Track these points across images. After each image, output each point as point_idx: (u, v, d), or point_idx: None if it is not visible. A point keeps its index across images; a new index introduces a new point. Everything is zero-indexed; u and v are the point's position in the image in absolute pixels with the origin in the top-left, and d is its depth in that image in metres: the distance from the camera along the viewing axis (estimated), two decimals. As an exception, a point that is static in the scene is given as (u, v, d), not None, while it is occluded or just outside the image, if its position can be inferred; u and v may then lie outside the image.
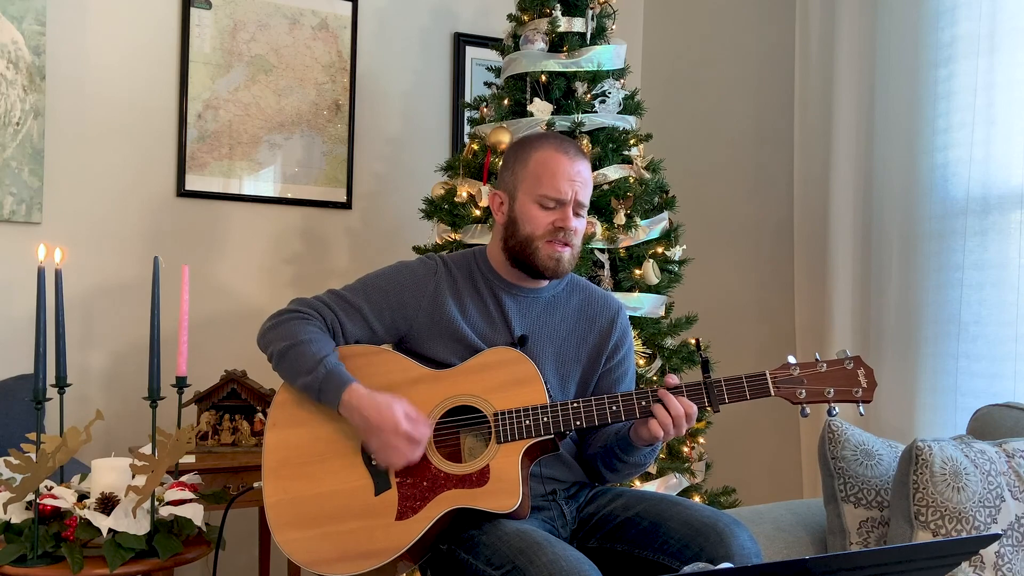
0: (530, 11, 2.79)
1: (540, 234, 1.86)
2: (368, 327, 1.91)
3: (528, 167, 1.88)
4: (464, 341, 1.89)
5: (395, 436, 1.75)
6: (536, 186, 1.86)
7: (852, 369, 1.77)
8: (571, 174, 1.86)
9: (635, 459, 1.87)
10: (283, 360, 1.85)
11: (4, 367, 2.88)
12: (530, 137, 1.96)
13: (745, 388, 1.77)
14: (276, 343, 1.87)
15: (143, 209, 3.17)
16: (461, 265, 1.97)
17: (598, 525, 1.88)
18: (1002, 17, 2.49)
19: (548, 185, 1.85)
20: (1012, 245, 2.48)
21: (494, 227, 1.97)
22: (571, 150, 1.89)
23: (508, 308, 1.92)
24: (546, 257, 1.87)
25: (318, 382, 1.80)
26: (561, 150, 1.88)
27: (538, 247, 1.87)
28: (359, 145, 3.50)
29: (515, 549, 1.66)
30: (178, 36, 3.21)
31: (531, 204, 1.87)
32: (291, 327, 1.86)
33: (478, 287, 1.94)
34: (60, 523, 1.97)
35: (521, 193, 1.89)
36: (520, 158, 1.91)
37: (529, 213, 1.87)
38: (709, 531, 1.72)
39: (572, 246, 1.89)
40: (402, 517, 1.78)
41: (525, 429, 1.78)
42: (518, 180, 1.89)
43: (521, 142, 1.96)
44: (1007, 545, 1.91)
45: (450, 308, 1.89)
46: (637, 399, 1.79)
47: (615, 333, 1.99)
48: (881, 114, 2.83)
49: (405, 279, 1.92)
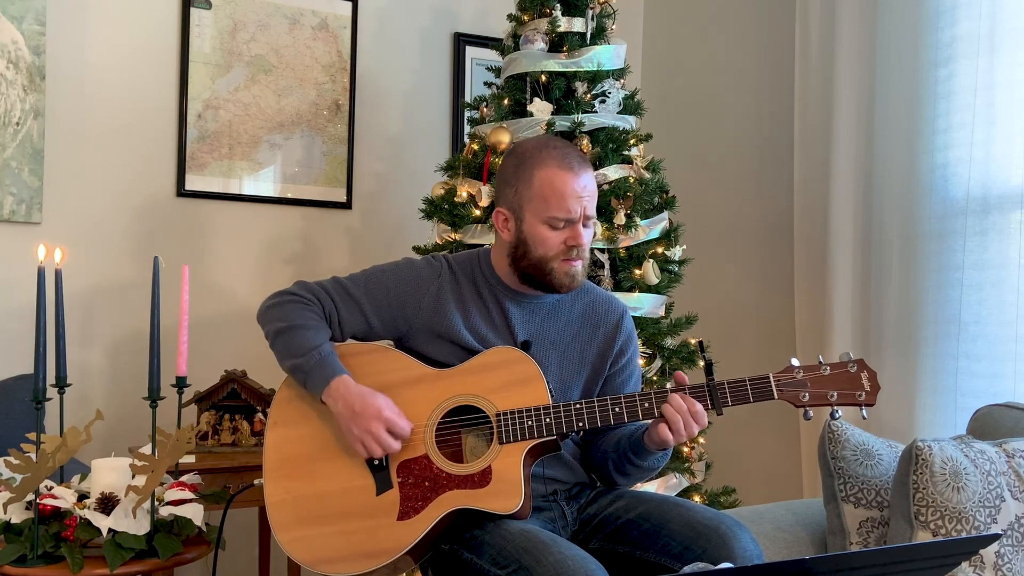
0: (530, 11, 2.79)
1: (553, 255, 1.83)
2: (365, 321, 1.90)
3: (533, 187, 1.82)
4: (465, 346, 1.88)
5: (375, 421, 1.75)
6: (544, 208, 1.81)
7: (855, 372, 1.76)
8: (578, 191, 1.80)
9: (647, 463, 1.87)
10: (278, 339, 1.86)
11: (4, 367, 2.88)
12: (529, 150, 1.86)
13: (748, 391, 1.76)
14: (275, 322, 1.87)
15: (143, 209, 3.17)
16: (465, 268, 1.95)
17: (600, 526, 1.87)
18: (1002, 17, 2.49)
19: (557, 207, 1.80)
20: (1012, 245, 2.48)
21: (497, 239, 1.94)
22: (574, 163, 1.82)
23: (511, 314, 1.91)
24: (563, 275, 1.84)
25: (308, 366, 1.81)
26: (565, 166, 1.81)
27: (553, 267, 1.83)
28: (359, 145, 3.50)
29: (521, 549, 1.66)
30: (178, 36, 3.21)
31: (540, 226, 1.82)
32: (291, 309, 1.87)
33: (481, 292, 1.93)
34: (60, 523, 1.97)
35: (528, 214, 1.83)
36: (522, 177, 1.84)
37: (540, 235, 1.82)
38: (711, 533, 1.71)
39: (583, 259, 1.86)
40: (404, 517, 1.78)
41: (527, 430, 1.78)
42: (523, 200, 1.83)
43: (520, 156, 1.87)
44: (1007, 545, 1.91)
45: (452, 312, 1.88)
46: (640, 400, 1.79)
47: (620, 337, 1.97)
48: (881, 114, 2.83)
49: (408, 278, 1.91)
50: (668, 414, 1.74)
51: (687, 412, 1.74)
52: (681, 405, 1.74)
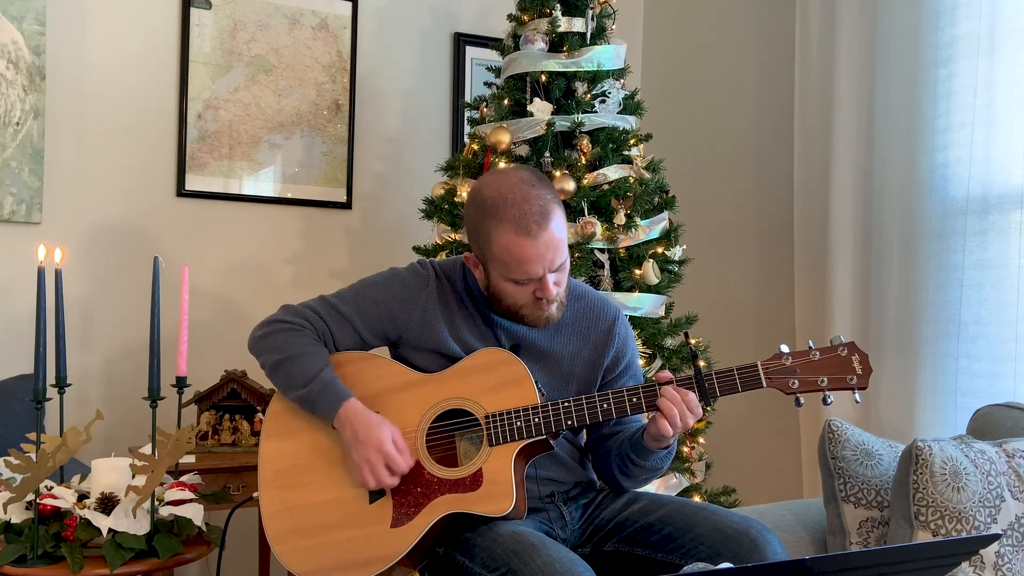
0: (530, 11, 2.79)
1: (524, 303, 1.81)
2: (358, 337, 1.90)
3: (492, 250, 1.76)
4: (452, 356, 1.87)
5: (375, 454, 1.76)
6: (506, 271, 1.77)
7: (846, 356, 1.74)
8: (538, 254, 1.74)
9: (650, 463, 1.86)
10: (277, 372, 1.85)
11: (4, 367, 2.88)
12: (488, 207, 1.76)
13: (737, 380, 1.75)
14: (269, 354, 1.86)
15: (143, 209, 3.17)
16: (452, 276, 1.93)
17: (615, 530, 1.86)
18: (1002, 17, 2.49)
19: (517, 270, 1.76)
20: (1012, 245, 2.48)
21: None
22: (531, 226, 1.71)
23: (497, 322, 1.90)
24: (535, 318, 1.83)
25: (314, 395, 1.81)
26: (523, 231, 1.71)
27: (524, 313, 1.83)
28: (359, 145, 3.50)
29: (509, 551, 1.66)
30: (178, 36, 3.21)
31: (505, 283, 1.80)
32: (283, 338, 1.85)
33: (465, 301, 1.91)
34: (60, 523, 1.97)
35: (493, 271, 1.80)
36: (482, 236, 1.77)
37: (506, 289, 1.80)
38: (742, 537, 1.70)
39: (558, 299, 1.83)
40: (397, 524, 1.77)
41: (516, 431, 1.77)
42: (487, 258, 1.79)
43: (480, 209, 1.77)
44: (1007, 545, 1.91)
45: (438, 324, 1.87)
46: (628, 396, 1.78)
47: (613, 344, 1.94)
48: (881, 114, 2.83)
49: (396, 291, 1.89)
50: (664, 406, 1.74)
51: (681, 402, 1.73)
52: (675, 396, 1.74)
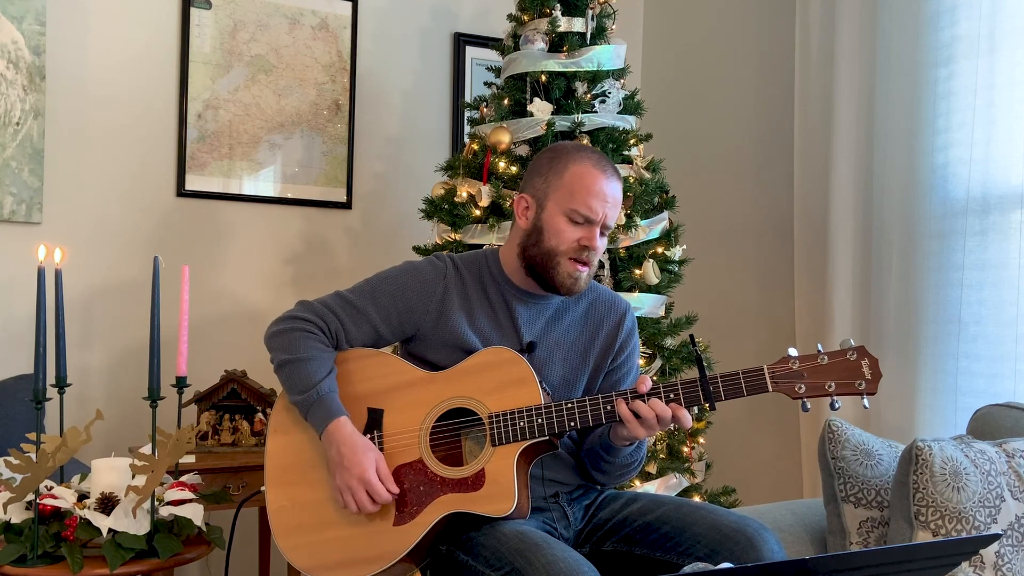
0: (530, 11, 2.79)
1: (564, 249, 1.83)
2: (375, 331, 1.90)
3: (563, 178, 1.84)
4: (470, 348, 1.87)
5: (357, 481, 1.76)
6: (568, 199, 1.82)
7: (855, 360, 1.71)
8: (605, 193, 1.82)
9: (620, 459, 1.86)
10: (282, 371, 1.87)
11: (4, 367, 2.88)
12: (567, 147, 1.90)
13: (742, 385, 1.73)
14: (278, 352, 1.88)
15: (143, 209, 3.17)
16: (471, 267, 1.94)
17: (614, 529, 1.87)
18: (1002, 17, 2.49)
19: (581, 201, 1.81)
20: (1012, 245, 2.48)
21: (512, 230, 1.94)
22: (608, 169, 1.85)
23: (518, 314, 1.90)
24: (565, 275, 1.84)
25: (308, 405, 1.82)
26: (599, 167, 1.84)
27: (559, 262, 1.84)
28: (359, 145, 3.50)
29: (514, 551, 1.66)
30: (178, 36, 3.21)
31: (560, 216, 1.83)
32: (293, 339, 1.86)
33: (488, 292, 1.92)
34: (60, 523, 1.97)
35: (551, 203, 1.84)
36: (555, 168, 1.86)
37: (556, 226, 1.83)
38: (739, 535, 1.71)
39: (591, 265, 1.86)
40: (400, 522, 1.78)
41: (520, 431, 1.77)
42: (550, 189, 1.85)
43: (558, 150, 1.90)
44: (1007, 545, 1.91)
45: (457, 316, 1.87)
46: (631, 398, 1.79)
47: (621, 334, 1.97)
48: (881, 114, 2.83)
49: (413, 283, 1.90)
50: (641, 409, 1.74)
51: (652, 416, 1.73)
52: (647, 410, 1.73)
